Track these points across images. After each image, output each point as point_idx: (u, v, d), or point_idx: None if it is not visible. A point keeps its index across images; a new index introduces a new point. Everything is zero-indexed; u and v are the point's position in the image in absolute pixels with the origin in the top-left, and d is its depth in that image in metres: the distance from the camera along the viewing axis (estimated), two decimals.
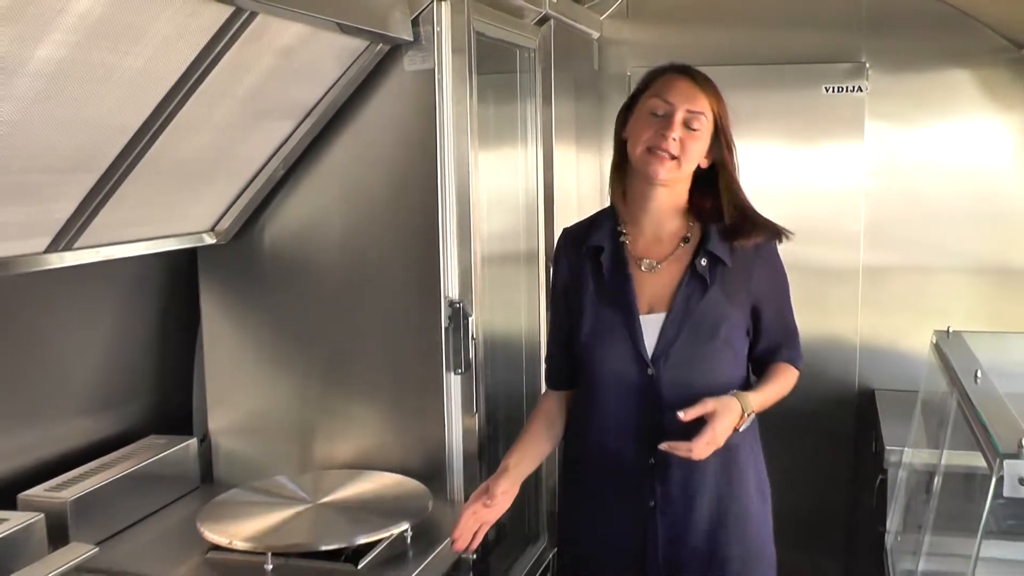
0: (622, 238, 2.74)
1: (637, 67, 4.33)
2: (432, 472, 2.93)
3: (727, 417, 2.52)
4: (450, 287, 2.87)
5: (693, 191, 2.71)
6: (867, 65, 4.26)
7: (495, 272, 3.05)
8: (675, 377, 2.62)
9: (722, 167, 2.68)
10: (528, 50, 3.30)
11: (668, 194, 2.67)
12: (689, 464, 2.57)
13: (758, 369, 2.80)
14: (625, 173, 2.72)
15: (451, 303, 2.87)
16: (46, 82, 1.90)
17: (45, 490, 2.62)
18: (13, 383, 2.65)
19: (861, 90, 4.26)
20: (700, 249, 2.67)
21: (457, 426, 2.93)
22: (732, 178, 2.70)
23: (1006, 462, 2.54)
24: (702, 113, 2.59)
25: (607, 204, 4.12)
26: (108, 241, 2.55)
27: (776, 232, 2.73)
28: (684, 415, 2.46)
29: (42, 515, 2.47)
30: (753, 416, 2.63)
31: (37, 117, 1.98)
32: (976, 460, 2.64)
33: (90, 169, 2.29)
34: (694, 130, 2.58)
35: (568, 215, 3.63)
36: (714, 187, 2.70)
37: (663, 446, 2.48)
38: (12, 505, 2.56)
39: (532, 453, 2.79)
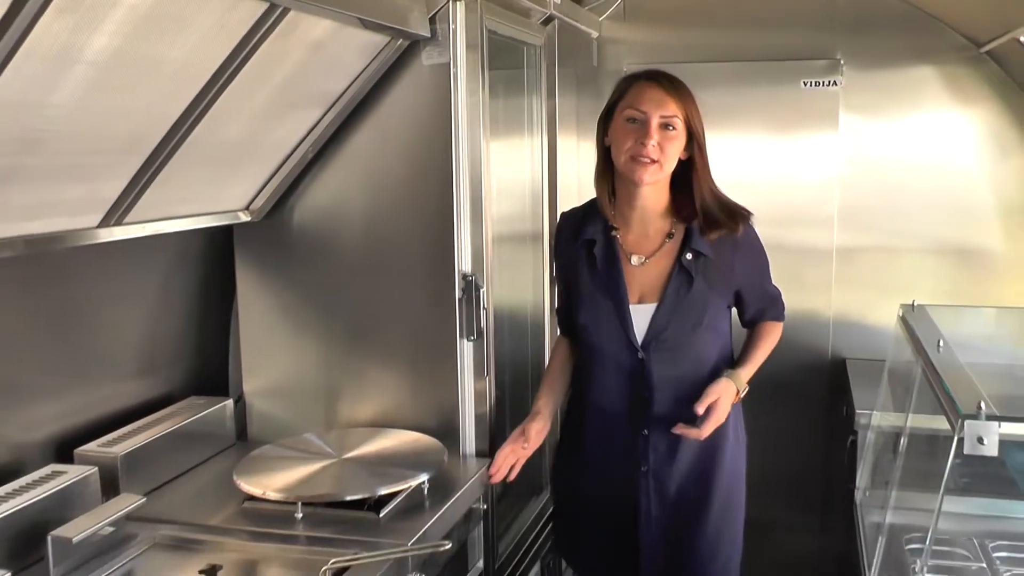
0: (613, 232, 2.79)
1: (632, 64, 4.30)
2: (446, 430, 2.93)
3: (726, 399, 2.69)
4: (463, 262, 2.87)
5: (674, 193, 2.76)
6: (842, 62, 4.25)
7: (503, 250, 3.05)
8: (663, 361, 2.73)
9: (694, 162, 2.71)
10: (534, 47, 3.29)
11: (652, 192, 2.72)
12: (670, 436, 2.73)
13: (747, 326, 2.94)
14: (610, 176, 2.77)
15: (464, 276, 2.87)
16: (99, 71, 1.90)
17: (98, 446, 2.62)
18: (69, 349, 2.65)
19: (836, 84, 4.25)
20: (685, 245, 2.73)
21: (469, 388, 2.93)
22: (705, 171, 2.73)
23: (967, 422, 2.54)
24: (675, 116, 2.63)
25: None
26: (153, 217, 2.55)
27: (745, 216, 2.77)
28: (699, 408, 2.62)
29: (96, 468, 2.48)
30: (745, 391, 2.78)
31: (91, 103, 1.98)
32: (939, 422, 2.64)
33: (137, 152, 2.29)
34: (670, 132, 2.63)
35: (570, 200, 3.58)
36: (691, 185, 2.74)
37: (677, 430, 2.66)
38: (70, 459, 2.57)
39: (557, 392, 2.95)
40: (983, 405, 2.60)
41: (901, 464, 3.04)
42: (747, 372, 2.82)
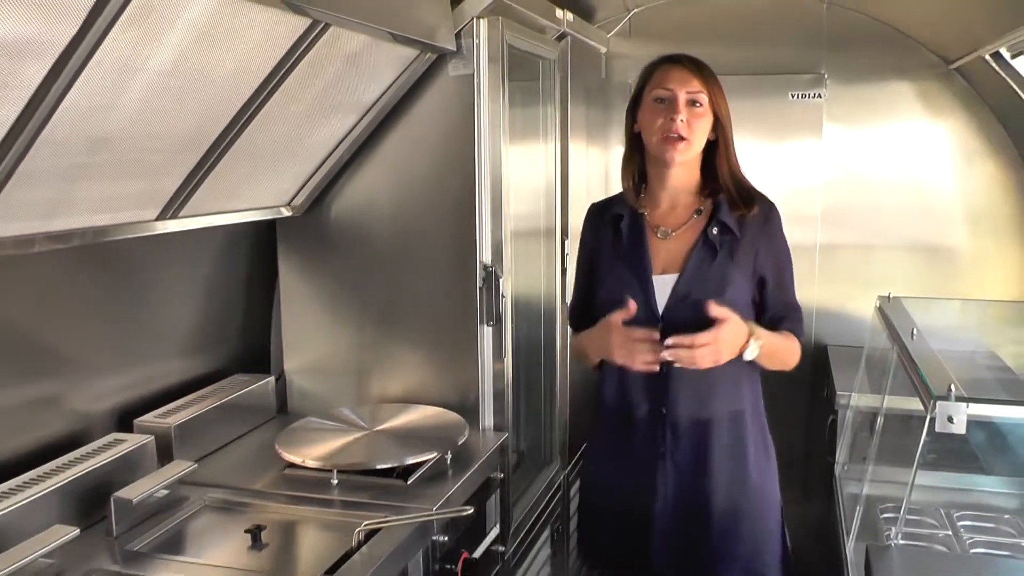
0: (641, 210, 2.61)
1: (637, 77, 4.32)
2: (467, 406, 2.93)
3: (734, 328, 2.39)
4: (484, 254, 2.86)
5: (704, 174, 2.59)
6: (826, 76, 4.24)
7: (520, 244, 3.03)
8: (685, 328, 2.40)
9: (720, 140, 2.55)
10: (549, 61, 3.28)
11: (683, 172, 2.55)
12: (698, 415, 2.52)
13: None
14: (638, 161, 2.62)
15: (484, 267, 2.86)
16: (160, 79, 1.90)
17: (155, 417, 2.63)
18: (130, 330, 2.65)
19: (820, 97, 4.25)
20: (712, 219, 2.53)
21: (488, 368, 2.92)
22: (730, 151, 2.57)
23: (938, 403, 2.53)
24: (700, 92, 2.47)
25: (612, 190, 4.14)
26: (205, 212, 2.55)
27: (769, 201, 2.59)
28: (711, 309, 2.34)
29: (152, 437, 2.49)
30: (757, 346, 2.45)
31: (152, 108, 1.98)
32: (912, 403, 2.64)
33: (192, 152, 2.29)
34: (697, 109, 2.47)
35: (579, 199, 3.63)
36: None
37: (669, 341, 2.35)
38: (129, 428, 2.57)
39: None
40: (953, 388, 2.60)
41: (877, 441, 3.04)
42: (764, 333, 2.50)
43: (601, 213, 2.70)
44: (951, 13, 3.80)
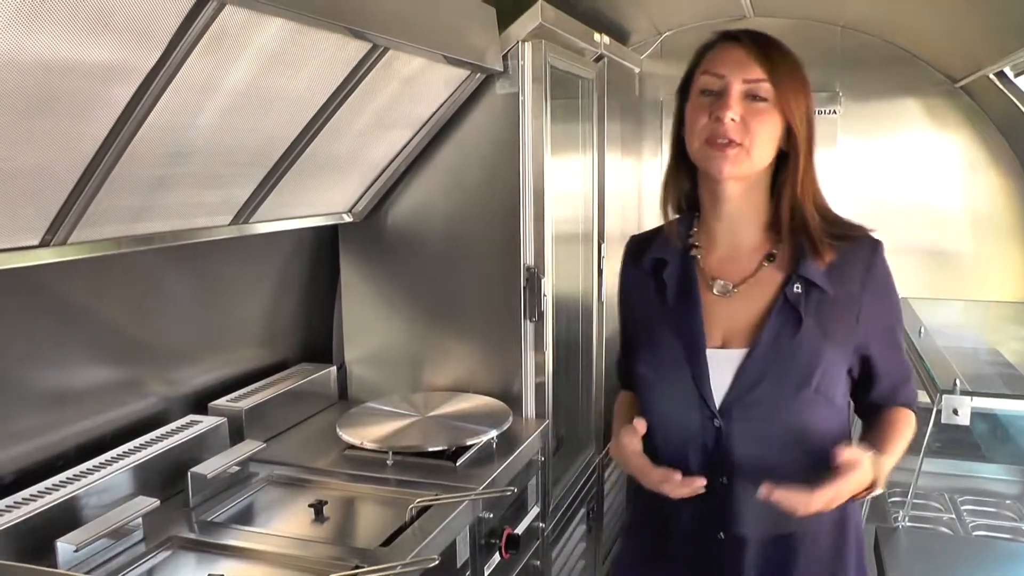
0: (693, 251, 1.71)
1: (668, 95, 4.30)
2: (511, 395, 2.91)
3: (860, 477, 1.49)
4: (527, 256, 2.84)
5: (777, 202, 1.66)
6: (840, 93, 4.20)
7: (561, 247, 3.02)
8: (750, 434, 1.59)
9: (793, 153, 1.62)
10: (587, 80, 3.26)
11: (743, 194, 1.64)
12: (777, 531, 1.61)
13: (866, 414, 1.75)
14: (686, 175, 1.73)
15: (528, 269, 2.84)
16: (234, 99, 1.91)
17: (227, 401, 2.64)
18: (206, 323, 2.67)
19: (836, 112, 4.20)
20: (794, 270, 1.62)
21: (530, 361, 2.91)
22: (810, 169, 1.65)
23: (944, 396, 2.50)
24: (762, 81, 1.56)
25: (645, 197, 4.11)
26: (274, 218, 2.55)
27: (869, 236, 1.69)
28: (840, 456, 1.46)
29: (225, 419, 2.50)
30: (884, 482, 1.57)
31: (226, 125, 1.99)
32: (920, 396, 2.60)
33: (262, 164, 2.30)
34: (758, 105, 1.57)
35: (614, 206, 3.61)
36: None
37: (764, 491, 1.46)
38: (204, 411, 2.59)
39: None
40: (958, 382, 2.56)
41: None
42: (890, 456, 1.60)
43: (638, 254, 1.80)
44: (957, 35, 3.76)
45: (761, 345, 1.59)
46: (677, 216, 1.76)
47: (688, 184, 1.74)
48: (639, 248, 1.80)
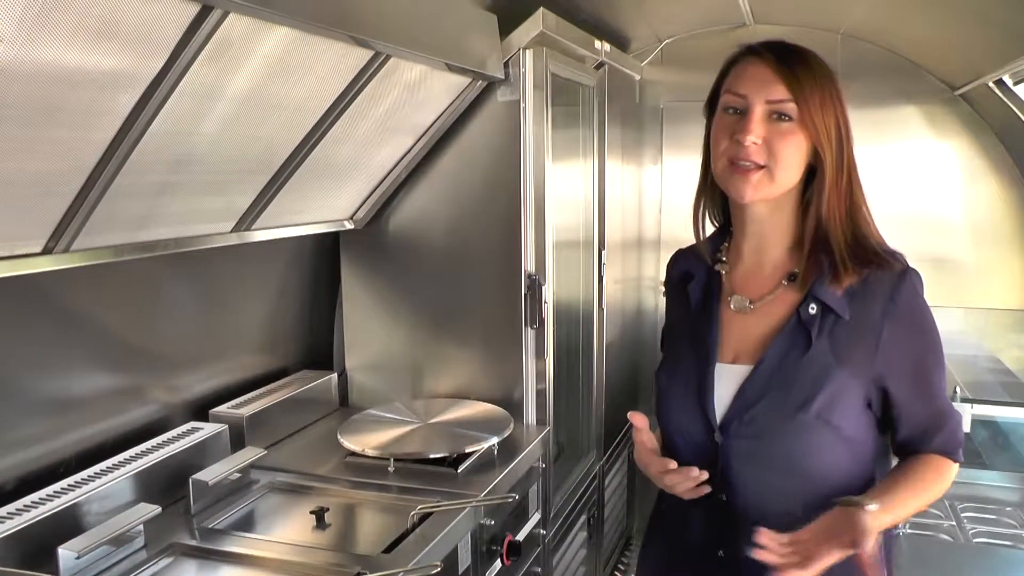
0: (718, 266, 1.72)
1: (669, 102, 4.33)
2: (512, 402, 2.91)
3: (838, 522, 1.41)
4: (528, 263, 2.84)
5: (807, 220, 1.61)
6: None
7: (562, 253, 3.02)
8: (747, 454, 1.56)
9: (820, 172, 1.57)
10: (588, 87, 3.26)
11: (770, 212, 1.62)
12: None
13: (901, 455, 1.64)
14: (714, 193, 1.72)
15: (528, 275, 2.84)
16: (237, 107, 1.91)
17: (229, 408, 2.64)
18: (207, 329, 2.67)
19: None
20: (811, 291, 1.58)
21: (531, 367, 2.90)
22: (839, 188, 1.59)
23: None
24: (787, 100, 1.53)
25: (644, 205, 4.10)
26: (275, 224, 2.55)
27: (899, 264, 1.59)
28: (760, 535, 1.40)
29: (226, 426, 2.50)
30: (879, 535, 1.43)
31: (229, 132, 1.99)
32: None
33: (264, 171, 2.30)
34: (782, 126, 1.53)
35: (615, 213, 3.61)
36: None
37: (757, 553, 1.40)
38: (205, 418, 2.59)
39: None
40: (958, 389, 2.56)
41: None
42: (889, 512, 1.46)
43: (674, 267, 1.84)
44: (957, 44, 3.76)
45: (766, 363, 1.57)
46: (715, 228, 1.76)
47: (721, 198, 1.73)
48: (676, 260, 1.83)
